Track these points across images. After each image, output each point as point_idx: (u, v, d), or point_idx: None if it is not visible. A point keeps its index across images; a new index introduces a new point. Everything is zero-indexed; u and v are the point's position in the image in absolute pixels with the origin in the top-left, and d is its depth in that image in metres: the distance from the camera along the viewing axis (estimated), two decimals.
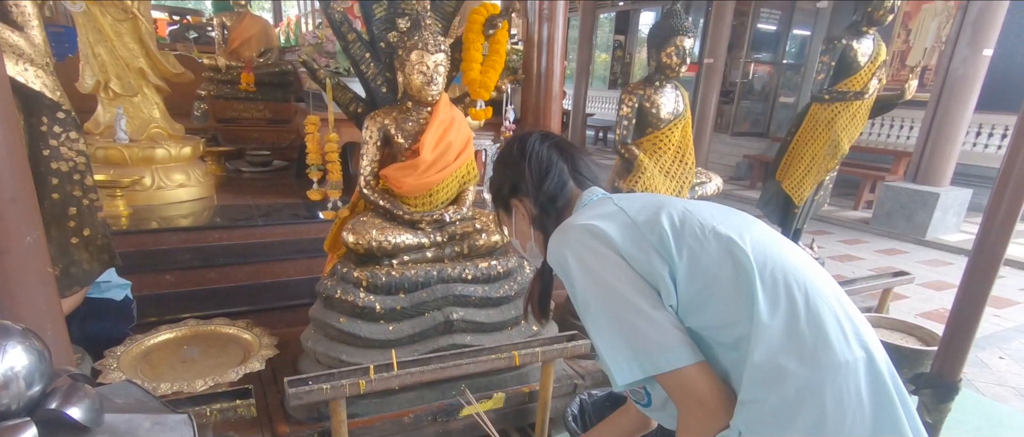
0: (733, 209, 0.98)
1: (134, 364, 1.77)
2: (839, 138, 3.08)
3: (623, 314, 0.86)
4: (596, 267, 0.90)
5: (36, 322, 1.15)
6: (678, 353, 0.83)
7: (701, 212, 0.93)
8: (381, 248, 1.94)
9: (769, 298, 0.82)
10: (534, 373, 2.14)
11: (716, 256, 0.87)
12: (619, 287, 0.87)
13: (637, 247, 0.89)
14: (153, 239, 2.90)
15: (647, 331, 0.85)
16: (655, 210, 0.93)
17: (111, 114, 3.29)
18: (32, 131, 1.57)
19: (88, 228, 1.69)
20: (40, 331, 1.13)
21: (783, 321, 0.81)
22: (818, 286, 0.86)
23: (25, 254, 1.12)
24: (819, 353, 0.80)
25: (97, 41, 3.16)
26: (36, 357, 0.66)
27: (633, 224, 0.92)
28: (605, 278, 0.88)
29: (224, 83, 4.98)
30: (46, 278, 1.18)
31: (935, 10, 6.60)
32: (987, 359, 3.00)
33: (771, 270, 0.85)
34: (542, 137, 1.11)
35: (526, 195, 1.09)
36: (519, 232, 1.16)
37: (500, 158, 1.16)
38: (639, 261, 0.88)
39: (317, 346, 1.95)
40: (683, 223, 0.91)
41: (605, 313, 0.89)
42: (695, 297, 0.87)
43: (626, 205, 0.97)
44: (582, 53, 9.95)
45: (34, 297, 1.15)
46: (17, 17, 1.51)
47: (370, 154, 2.02)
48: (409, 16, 2.01)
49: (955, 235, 5.42)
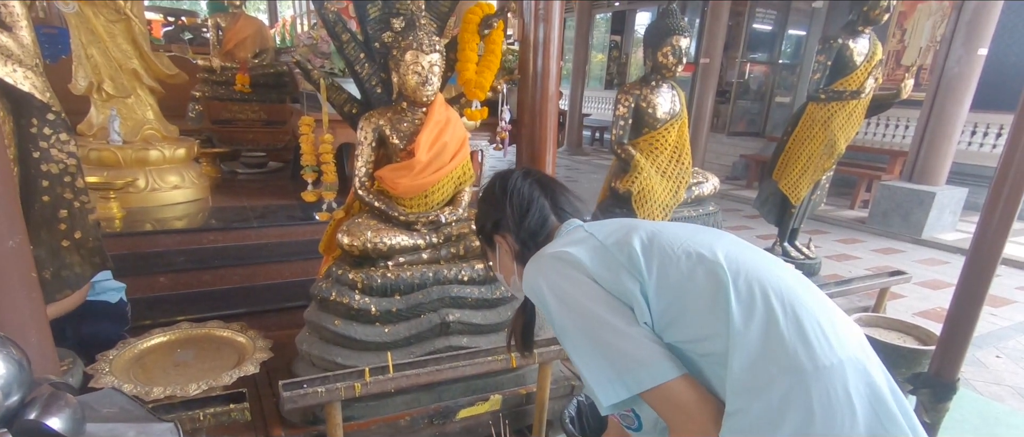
0: (704, 227, 1.00)
1: (126, 368, 1.75)
2: (836, 137, 3.09)
3: (600, 335, 0.87)
4: (569, 291, 0.91)
5: (19, 328, 1.13)
6: (659, 367, 0.83)
7: (671, 231, 0.96)
8: (376, 250, 1.93)
9: (744, 306, 0.83)
10: (531, 375, 2.13)
11: (686, 270, 0.88)
12: (593, 308, 0.88)
13: (607, 268, 0.91)
14: (147, 241, 2.88)
15: (626, 348, 0.85)
16: (625, 232, 0.96)
17: (104, 116, 3.26)
18: (22, 133, 1.55)
19: (79, 231, 1.68)
20: (23, 337, 1.12)
21: (760, 328, 0.81)
22: (797, 292, 0.85)
23: (7, 259, 1.09)
24: (801, 358, 0.79)
25: (90, 42, 3.14)
26: (14, 366, 0.65)
27: (602, 247, 0.94)
28: (579, 301, 0.90)
29: (219, 84, 4.95)
30: (30, 283, 1.15)
31: (930, 10, 6.62)
32: (984, 358, 3.00)
33: (745, 278, 0.85)
34: (524, 174, 1.15)
35: (508, 231, 1.12)
36: (503, 267, 1.19)
37: (483, 195, 1.18)
38: (610, 281, 0.90)
39: (312, 349, 1.93)
40: (652, 241, 0.93)
41: (583, 336, 0.90)
42: (668, 311, 0.87)
43: (596, 230, 1.00)
44: (578, 53, 9.95)
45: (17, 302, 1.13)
46: (5, 18, 1.50)
47: (365, 155, 2.00)
48: (404, 16, 2.00)
49: (951, 234, 5.43)
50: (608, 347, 0.86)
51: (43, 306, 1.23)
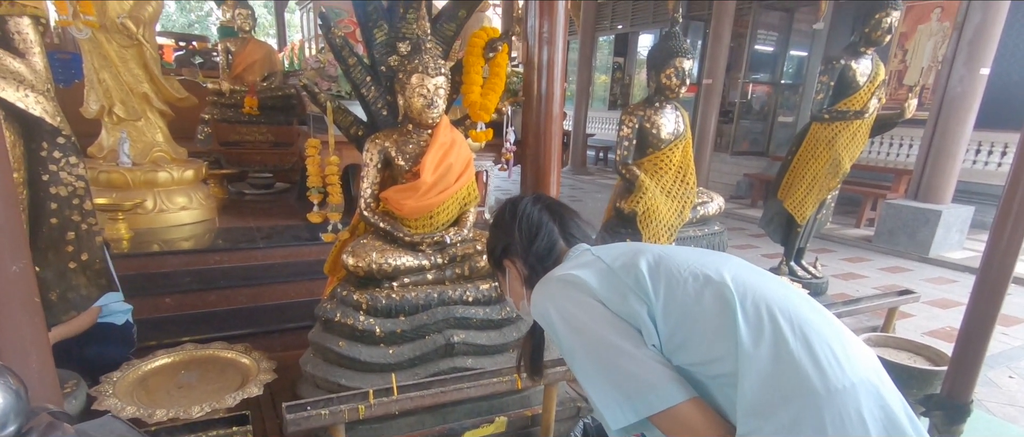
0: (710, 251, 1.01)
1: (130, 390, 1.74)
2: (840, 157, 3.09)
3: (609, 357, 0.87)
4: (577, 314, 0.92)
5: (20, 353, 1.12)
6: (668, 390, 0.83)
7: (678, 254, 0.96)
8: (381, 270, 1.93)
9: (752, 328, 0.82)
10: (537, 396, 2.10)
11: (694, 292, 0.88)
12: (601, 331, 0.88)
13: (614, 291, 0.91)
14: (154, 262, 2.89)
15: (635, 371, 0.84)
16: (632, 256, 0.96)
17: (115, 138, 3.31)
18: (32, 156, 1.57)
19: (86, 252, 1.69)
20: (24, 363, 1.11)
21: (770, 350, 0.80)
22: (805, 314, 0.85)
23: (10, 283, 1.09)
24: (812, 380, 0.78)
25: (102, 67, 3.20)
26: (11, 396, 0.64)
27: (609, 270, 0.95)
28: (587, 324, 0.90)
29: (228, 107, 5.02)
30: (33, 308, 1.15)
31: (930, 30, 6.66)
32: (997, 378, 2.95)
33: (752, 300, 0.85)
34: (534, 200, 1.17)
35: (517, 255, 1.13)
36: (512, 291, 1.19)
37: (494, 220, 1.21)
38: (617, 304, 0.90)
39: (316, 370, 1.92)
40: (659, 264, 0.93)
41: (591, 359, 0.89)
42: (676, 333, 0.87)
43: (603, 254, 1.01)
44: (582, 75, 10.05)
45: (19, 327, 1.12)
46: (19, 44, 1.53)
47: (371, 176, 2.02)
48: (409, 40, 2.03)
49: (958, 252, 5.38)
50: (617, 370, 0.86)
51: (45, 331, 1.23)
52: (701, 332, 0.86)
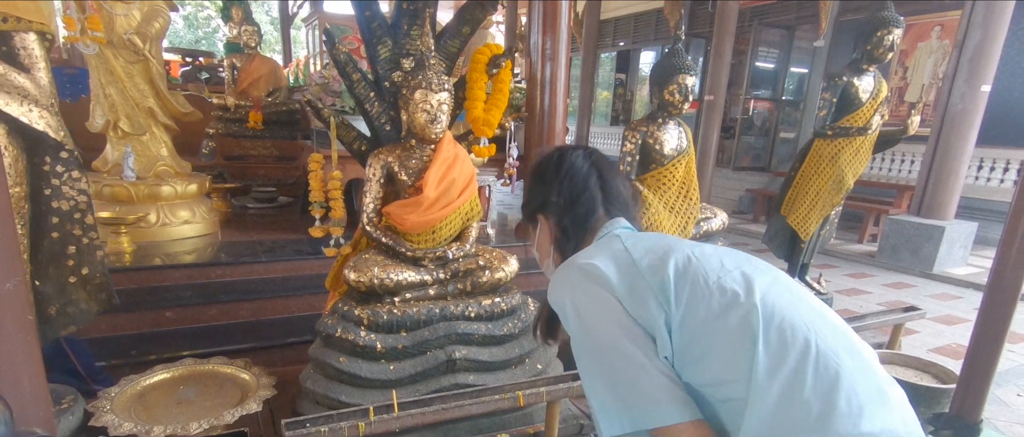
0: (748, 257, 0.93)
1: (128, 406, 1.73)
2: (843, 173, 3.09)
3: (616, 363, 0.83)
4: (592, 311, 0.87)
5: (12, 372, 1.10)
6: (670, 409, 0.79)
7: (710, 259, 0.89)
8: (383, 285, 1.92)
9: (772, 359, 0.76)
10: (539, 413, 2.08)
11: (718, 309, 0.82)
12: (613, 334, 0.84)
13: (635, 292, 0.86)
14: (156, 275, 2.88)
15: (640, 382, 0.81)
16: (661, 254, 0.90)
17: (119, 152, 3.33)
18: (34, 170, 1.58)
19: (87, 267, 1.69)
20: (16, 382, 1.10)
21: (782, 387, 0.74)
22: (838, 351, 0.77)
23: (4, 301, 1.08)
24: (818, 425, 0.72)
25: (109, 82, 3.23)
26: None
27: (635, 267, 0.89)
28: (600, 324, 0.86)
29: (232, 122, 5.06)
30: (26, 326, 1.14)
31: (930, 48, 6.70)
32: (1005, 396, 2.90)
33: (779, 328, 0.78)
34: (585, 155, 1.09)
35: (553, 214, 1.07)
36: (539, 247, 1.14)
37: (537, 169, 1.12)
38: (636, 307, 0.85)
39: (316, 386, 1.90)
40: (687, 269, 0.87)
41: (598, 361, 0.86)
42: (690, 349, 0.82)
43: (632, 245, 0.94)
44: (584, 91, 10.12)
45: (12, 346, 1.10)
46: (25, 59, 1.54)
47: (373, 191, 2.02)
48: (413, 56, 2.04)
49: (962, 268, 5.35)
50: (621, 377, 0.83)
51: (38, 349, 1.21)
52: (717, 353, 0.81)
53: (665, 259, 0.89)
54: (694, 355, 0.82)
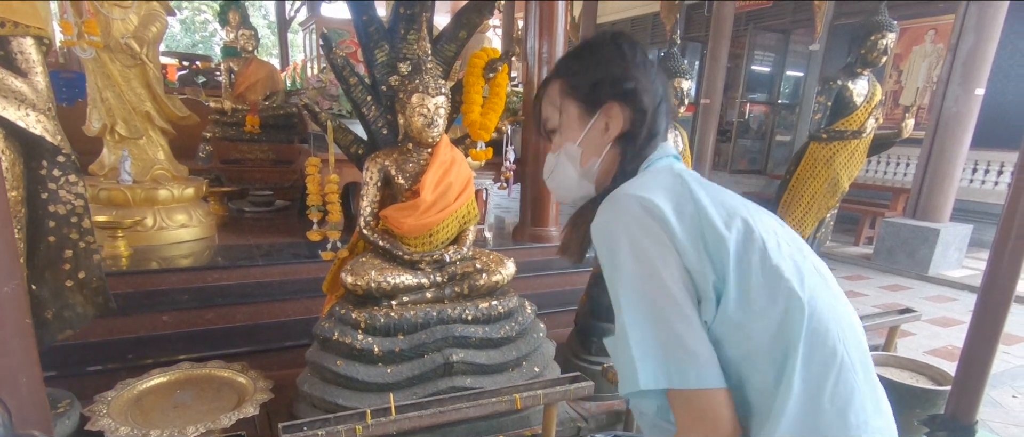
0: (792, 234, 0.87)
1: (125, 410, 1.72)
2: (839, 176, 3.10)
3: (667, 311, 0.76)
4: (649, 251, 0.77)
5: (10, 376, 1.11)
6: (711, 371, 0.74)
7: (769, 237, 0.81)
8: (380, 289, 1.92)
9: (805, 360, 0.75)
10: (536, 416, 2.08)
11: (768, 293, 0.77)
12: (668, 281, 0.76)
13: (694, 243, 0.78)
14: (152, 279, 2.88)
15: (687, 338, 0.75)
16: (729, 211, 0.81)
17: (116, 156, 3.32)
18: (31, 175, 1.58)
19: (83, 271, 1.68)
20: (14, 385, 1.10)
21: (809, 389, 0.75)
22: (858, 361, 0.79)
23: (2, 304, 1.08)
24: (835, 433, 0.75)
25: (105, 86, 3.23)
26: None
27: (700, 218, 0.79)
28: (655, 266, 0.76)
29: (229, 125, 5.06)
30: (24, 330, 1.14)
31: (924, 52, 6.75)
32: (1000, 398, 2.92)
33: (815, 328, 0.76)
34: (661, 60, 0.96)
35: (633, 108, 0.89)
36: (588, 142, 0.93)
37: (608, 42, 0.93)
38: (692, 259, 0.77)
39: (313, 390, 1.90)
40: (749, 240, 0.79)
41: (645, 305, 0.77)
42: (730, 321, 0.78)
43: (697, 190, 0.83)
44: None
45: (10, 349, 1.11)
46: (22, 64, 1.54)
47: (370, 195, 2.02)
48: (410, 60, 2.05)
49: (958, 270, 5.37)
50: (669, 329, 0.75)
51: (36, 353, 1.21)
52: (757, 336, 0.77)
53: (732, 219, 0.80)
54: (730, 330, 0.78)
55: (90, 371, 2.26)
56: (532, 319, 2.20)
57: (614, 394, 2.47)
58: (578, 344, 2.65)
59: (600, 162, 0.93)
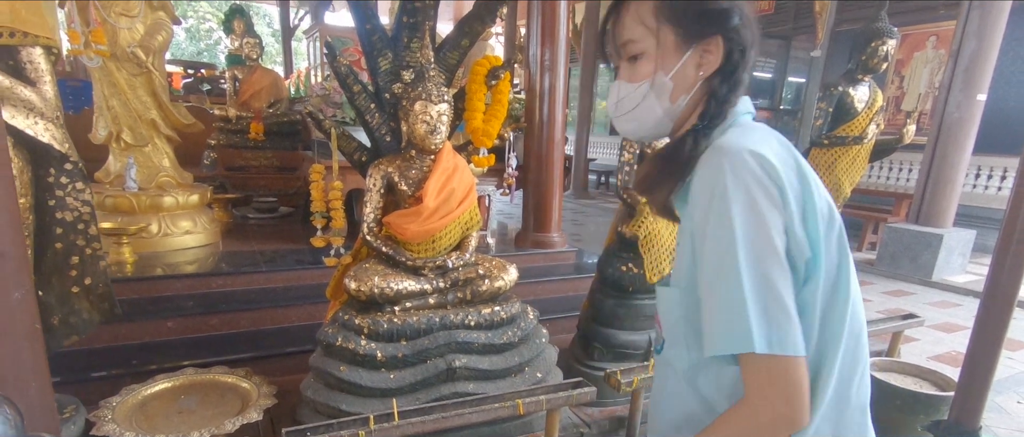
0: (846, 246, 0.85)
1: (129, 415, 1.73)
2: (840, 181, 3.11)
3: (774, 276, 0.72)
4: (764, 212, 0.72)
5: (20, 380, 1.13)
6: (801, 339, 0.72)
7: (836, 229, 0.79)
8: (383, 294, 1.93)
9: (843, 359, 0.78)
10: (539, 422, 2.08)
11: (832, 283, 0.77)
12: (778, 245, 0.72)
13: (800, 212, 0.75)
14: (157, 286, 2.90)
15: (790, 305, 0.72)
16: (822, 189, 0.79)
17: (122, 164, 3.35)
18: (39, 182, 1.59)
19: (90, 277, 1.70)
20: (24, 389, 1.12)
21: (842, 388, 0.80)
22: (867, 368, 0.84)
23: (10, 311, 1.10)
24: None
25: (112, 94, 3.26)
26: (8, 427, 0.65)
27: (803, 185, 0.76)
28: (769, 228, 0.72)
29: (234, 133, 5.10)
30: (33, 334, 1.16)
31: (926, 58, 6.76)
32: (1005, 403, 2.90)
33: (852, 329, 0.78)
34: None
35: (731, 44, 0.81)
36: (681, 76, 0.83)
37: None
38: (796, 229, 0.74)
39: (316, 395, 1.91)
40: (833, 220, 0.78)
41: (755, 265, 0.72)
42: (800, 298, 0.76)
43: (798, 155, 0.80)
44: (583, 101, 10.17)
45: (20, 354, 1.13)
46: (31, 73, 1.56)
47: (373, 201, 2.04)
48: (413, 68, 2.07)
49: (961, 276, 5.36)
50: (776, 293, 0.71)
51: (45, 358, 1.23)
52: (812, 322, 0.76)
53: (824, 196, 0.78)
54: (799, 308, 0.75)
55: (95, 377, 2.27)
56: (534, 325, 2.21)
57: (616, 400, 2.47)
58: (581, 350, 2.65)
59: (688, 101, 0.85)
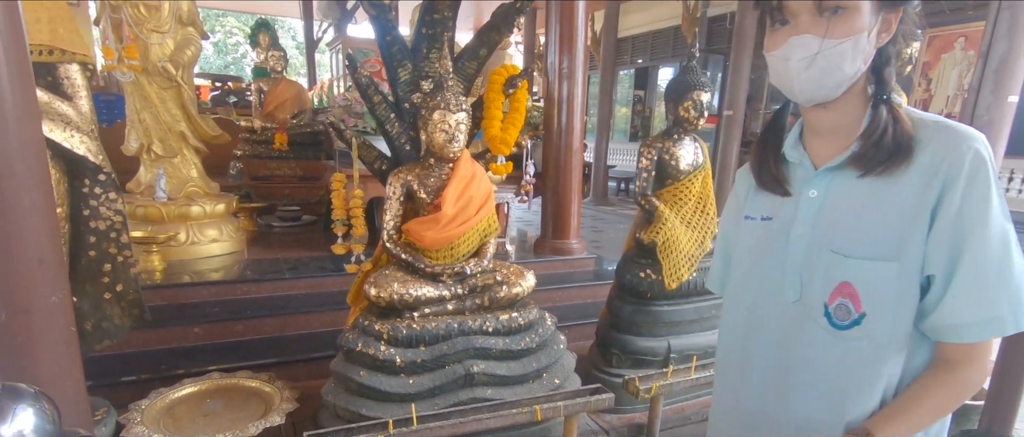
0: None
1: (157, 418, 1.79)
2: None
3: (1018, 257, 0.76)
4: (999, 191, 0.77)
5: (56, 380, 1.17)
6: None
7: None
8: (403, 301, 1.96)
9: None
10: (556, 428, 2.08)
11: None
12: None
13: None
14: (184, 292, 2.98)
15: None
16: None
17: (152, 174, 3.46)
18: (74, 193, 1.66)
19: (121, 284, 1.76)
20: (60, 389, 1.17)
21: None
22: None
23: (48, 314, 1.15)
24: None
25: (143, 108, 3.38)
26: (46, 421, 0.67)
27: None
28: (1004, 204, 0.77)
29: (259, 143, 5.23)
30: (69, 337, 1.21)
31: (954, 59, 6.59)
32: None
33: None
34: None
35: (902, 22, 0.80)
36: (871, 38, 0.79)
37: None
38: None
39: (337, 400, 1.94)
40: None
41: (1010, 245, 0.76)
42: None
43: None
44: (603, 108, 10.15)
45: (57, 355, 1.17)
46: (68, 88, 1.64)
47: (393, 209, 2.07)
48: (432, 78, 2.11)
49: None
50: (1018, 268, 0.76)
51: (79, 359, 1.28)
52: None
53: None
54: None
55: (125, 381, 2.34)
56: (552, 331, 2.21)
57: (635, 406, 2.45)
58: (599, 356, 2.64)
59: (866, 69, 0.81)
